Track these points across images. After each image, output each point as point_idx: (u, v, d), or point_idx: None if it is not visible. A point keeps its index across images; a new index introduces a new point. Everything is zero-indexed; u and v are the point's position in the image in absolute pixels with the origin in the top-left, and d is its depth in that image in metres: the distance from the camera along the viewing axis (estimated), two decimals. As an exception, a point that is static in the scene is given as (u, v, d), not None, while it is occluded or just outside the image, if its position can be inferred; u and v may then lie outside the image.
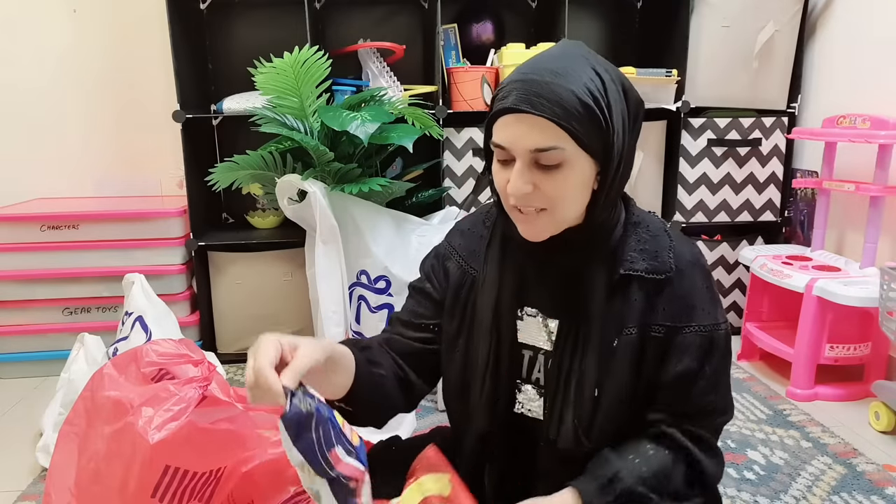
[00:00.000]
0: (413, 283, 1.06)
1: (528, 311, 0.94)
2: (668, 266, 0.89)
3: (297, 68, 1.84)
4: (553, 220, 0.85)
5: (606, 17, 2.61)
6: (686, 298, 0.89)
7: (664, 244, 0.91)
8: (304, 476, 0.75)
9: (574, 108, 0.79)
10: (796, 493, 1.51)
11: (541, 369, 0.94)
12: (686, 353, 0.88)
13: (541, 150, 0.80)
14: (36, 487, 1.59)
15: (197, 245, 2.25)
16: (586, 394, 0.88)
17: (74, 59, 2.46)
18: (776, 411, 1.91)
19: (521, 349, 0.95)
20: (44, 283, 2.20)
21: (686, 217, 2.43)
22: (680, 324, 0.88)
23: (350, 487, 0.78)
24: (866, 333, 1.97)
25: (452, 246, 1.03)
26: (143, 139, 2.52)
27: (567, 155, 0.80)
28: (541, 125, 0.79)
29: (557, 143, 0.79)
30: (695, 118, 2.36)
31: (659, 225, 0.93)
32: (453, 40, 2.38)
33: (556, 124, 0.78)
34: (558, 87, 0.79)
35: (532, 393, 0.95)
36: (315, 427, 0.74)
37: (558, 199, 0.83)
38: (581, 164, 0.82)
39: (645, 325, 0.89)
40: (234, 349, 2.35)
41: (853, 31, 2.21)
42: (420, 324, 1.01)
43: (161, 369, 1.03)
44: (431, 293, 1.02)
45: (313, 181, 1.84)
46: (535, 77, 0.80)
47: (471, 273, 0.99)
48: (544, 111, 0.78)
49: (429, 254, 1.07)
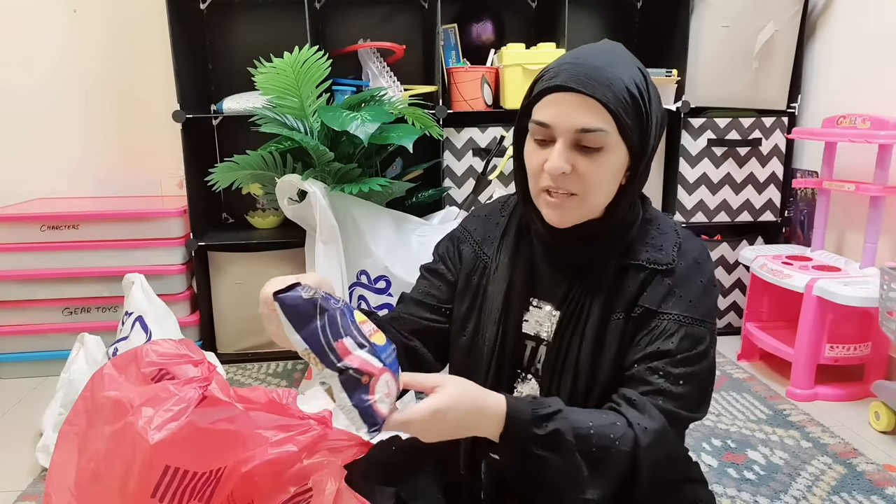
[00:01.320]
0: (426, 265, 1.06)
1: (534, 302, 0.95)
2: (671, 259, 0.89)
3: (297, 68, 1.84)
4: (581, 207, 0.86)
5: (606, 17, 2.61)
6: (675, 287, 0.88)
7: (671, 240, 0.91)
8: (315, 370, 0.77)
9: (622, 95, 0.81)
10: (796, 493, 1.51)
11: (541, 360, 0.95)
12: (661, 337, 0.86)
13: (587, 130, 0.81)
14: (36, 487, 1.59)
15: (197, 245, 2.25)
16: (580, 384, 0.89)
17: (74, 59, 2.46)
18: (776, 411, 1.91)
19: (525, 339, 0.96)
20: (44, 283, 2.20)
21: (686, 217, 2.43)
22: (660, 308, 0.87)
23: (362, 382, 0.77)
24: (866, 333, 1.97)
25: (468, 230, 1.04)
26: (143, 139, 2.52)
27: (609, 140, 0.81)
28: (590, 106, 0.80)
29: (604, 126, 0.81)
30: (695, 118, 2.36)
31: (671, 224, 0.94)
32: (453, 40, 2.38)
33: (604, 107, 0.80)
34: (609, 73, 0.81)
35: (533, 384, 0.96)
36: (320, 314, 0.77)
37: (592, 184, 0.83)
38: (619, 152, 0.83)
39: (630, 310, 0.89)
40: (234, 349, 2.35)
41: (853, 31, 2.21)
42: (433, 304, 1.02)
43: (161, 369, 1.03)
44: (445, 274, 1.02)
45: (313, 181, 1.84)
46: (585, 61, 0.82)
47: (483, 259, 1.00)
48: (595, 92, 0.80)
49: (443, 238, 1.08)
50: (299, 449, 1.05)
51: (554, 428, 0.79)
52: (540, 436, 0.79)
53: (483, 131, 2.30)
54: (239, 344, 2.35)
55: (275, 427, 1.06)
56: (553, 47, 2.23)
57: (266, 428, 1.06)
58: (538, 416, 0.80)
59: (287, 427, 1.07)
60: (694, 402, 0.87)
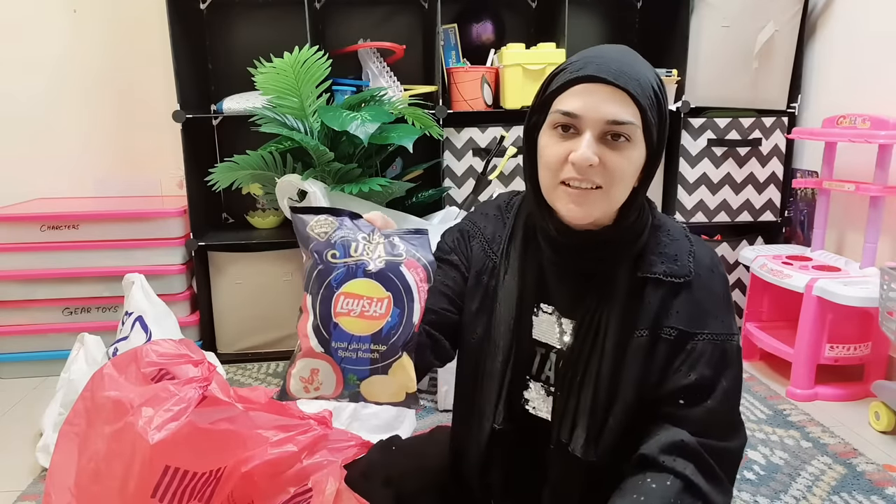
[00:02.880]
0: (438, 255, 1.01)
1: (544, 307, 0.94)
2: (688, 270, 0.88)
3: (297, 68, 1.84)
4: (605, 201, 0.84)
5: (606, 17, 2.61)
6: (702, 304, 0.87)
7: (685, 248, 0.90)
8: None
9: (648, 91, 0.81)
10: (796, 493, 1.51)
11: (552, 368, 0.93)
12: (699, 363, 0.86)
13: (617, 122, 0.80)
14: (36, 487, 1.59)
15: (197, 245, 2.25)
16: (600, 400, 0.87)
17: (74, 60, 2.46)
18: (776, 411, 1.91)
19: (535, 346, 0.94)
20: (44, 283, 2.20)
21: (686, 217, 2.43)
22: (692, 329, 0.86)
23: None
24: (866, 333, 1.97)
25: (477, 226, 1.01)
26: (143, 139, 2.52)
27: (637, 134, 0.82)
28: (621, 98, 0.80)
29: (633, 119, 0.81)
30: (695, 118, 2.36)
31: (680, 229, 0.93)
32: (453, 40, 2.38)
33: (634, 101, 0.80)
34: (637, 69, 0.81)
35: (541, 391, 0.94)
36: None
37: (618, 177, 0.82)
38: (640, 149, 0.83)
39: (657, 328, 0.87)
40: (234, 349, 2.35)
41: (853, 31, 2.21)
42: (450, 296, 0.98)
43: (161, 369, 1.03)
44: (459, 265, 1.00)
45: (313, 181, 1.84)
46: (611, 56, 0.82)
47: (493, 258, 0.97)
48: (628, 85, 0.80)
49: (450, 229, 1.05)
50: (299, 449, 1.06)
51: None
52: None
53: (483, 131, 2.30)
54: (239, 344, 2.35)
55: (275, 427, 1.06)
56: (553, 47, 2.23)
57: (266, 428, 1.06)
58: None
59: (287, 427, 1.07)
60: (741, 428, 0.89)
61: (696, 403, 0.86)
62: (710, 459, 0.84)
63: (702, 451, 0.84)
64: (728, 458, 0.86)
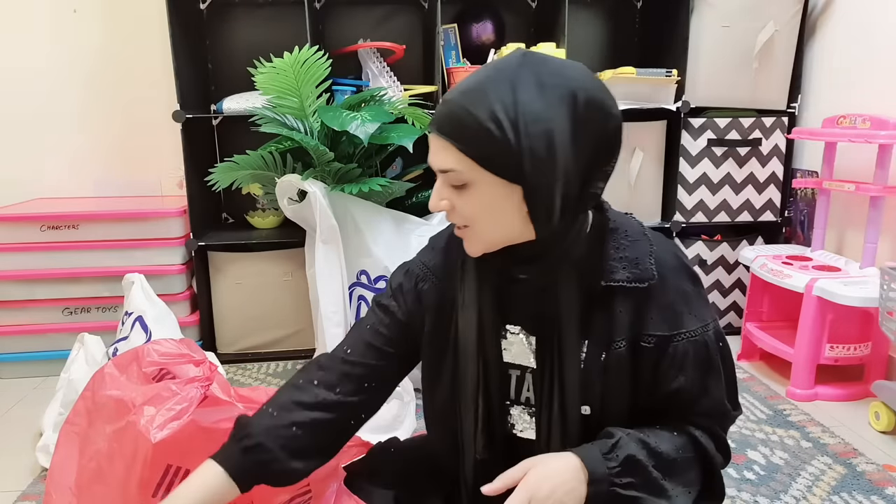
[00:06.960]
0: (377, 298, 1.00)
1: (510, 329, 0.91)
2: (651, 273, 0.85)
3: (297, 68, 1.84)
4: (478, 238, 0.84)
5: (606, 17, 2.61)
6: (674, 306, 0.86)
7: (644, 250, 0.87)
8: None
9: (473, 130, 0.77)
10: (796, 493, 1.51)
11: (530, 388, 0.91)
12: (684, 365, 0.86)
13: (443, 171, 0.81)
14: (36, 487, 1.58)
15: (197, 245, 2.25)
16: (571, 412, 0.86)
17: (74, 60, 2.46)
18: (776, 411, 1.91)
19: (508, 369, 0.92)
20: (44, 283, 2.20)
21: (686, 217, 2.43)
22: (670, 332, 0.86)
23: None
24: (866, 333, 1.97)
25: (428, 267, 0.97)
26: (143, 139, 2.52)
27: (469, 177, 0.79)
28: (444, 147, 0.80)
29: (455, 166, 0.79)
30: (695, 118, 2.37)
31: (638, 229, 0.89)
32: (453, 40, 2.39)
33: (454, 147, 0.78)
34: (460, 109, 0.78)
35: (524, 414, 0.92)
36: None
37: (473, 217, 0.82)
38: (488, 185, 0.79)
39: (635, 337, 0.86)
40: (234, 349, 2.35)
41: (853, 31, 2.21)
42: (378, 347, 0.95)
43: (162, 369, 1.03)
44: (395, 312, 0.96)
45: (313, 181, 1.85)
46: (449, 97, 0.80)
47: (451, 293, 0.93)
48: (444, 133, 0.79)
49: (400, 268, 1.01)
50: (300, 449, 1.05)
51: (625, 455, 0.82)
52: (615, 468, 0.82)
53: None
54: (239, 344, 2.35)
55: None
56: (553, 47, 2.23)
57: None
58: (606, 452, 0.82)
59: (288, 427, 1.06)
60: (735, 402, 0.93)
61: (694, 402, 0.88)
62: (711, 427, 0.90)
63: (707, 434, 0.90)
64: (727, 427, 0.94)
